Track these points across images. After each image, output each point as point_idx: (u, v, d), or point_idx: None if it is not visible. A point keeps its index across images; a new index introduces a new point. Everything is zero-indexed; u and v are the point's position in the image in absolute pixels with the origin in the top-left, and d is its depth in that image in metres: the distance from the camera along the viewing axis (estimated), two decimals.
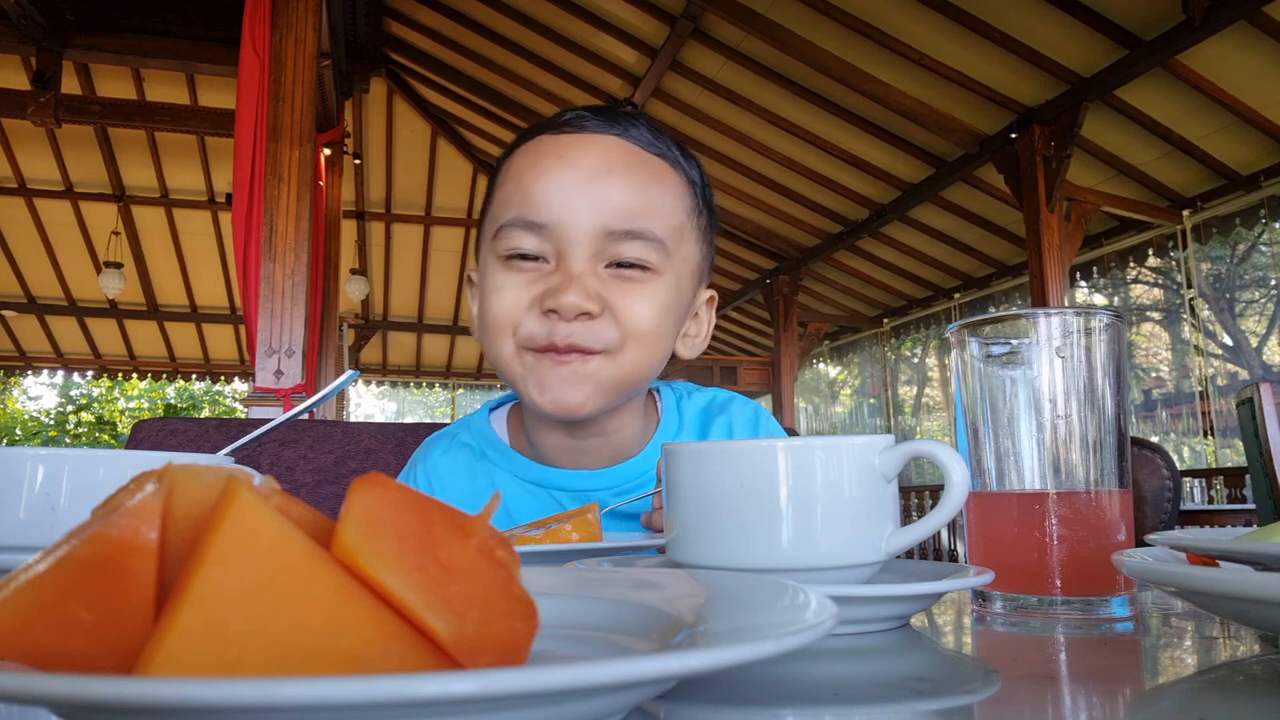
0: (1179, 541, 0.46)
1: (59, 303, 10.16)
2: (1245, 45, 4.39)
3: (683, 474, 0.51)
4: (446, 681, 0.20)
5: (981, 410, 0.59)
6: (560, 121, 0.83)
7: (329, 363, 6.40)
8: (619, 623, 0.37)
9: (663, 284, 0.80)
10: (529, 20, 6.35)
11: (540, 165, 0.79)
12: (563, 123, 0.82)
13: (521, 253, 0.79)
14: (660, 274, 0.80)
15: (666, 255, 0.80)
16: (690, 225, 0.85)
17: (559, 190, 0.78)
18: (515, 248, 0.79)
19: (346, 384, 0.83)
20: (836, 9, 5.00)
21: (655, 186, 0.81)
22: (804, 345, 8.91)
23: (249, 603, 0.22)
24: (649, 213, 0.79)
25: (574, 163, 0.79)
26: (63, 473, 0.52)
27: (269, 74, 3.91)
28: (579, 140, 0.80)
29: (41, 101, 5.72)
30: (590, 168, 0.78)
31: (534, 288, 0.78)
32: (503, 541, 0.28)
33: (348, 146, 7.18)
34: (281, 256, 3.77)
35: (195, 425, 1.35)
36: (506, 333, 0.79)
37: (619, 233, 0.77)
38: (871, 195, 6.84)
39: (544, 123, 0.85)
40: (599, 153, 0.79)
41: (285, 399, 3.66)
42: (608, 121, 0.82)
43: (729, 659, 0.24)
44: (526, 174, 0.80)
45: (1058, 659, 0.43)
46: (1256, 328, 6.56)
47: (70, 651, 0.24)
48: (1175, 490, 1.51)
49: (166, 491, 0.26)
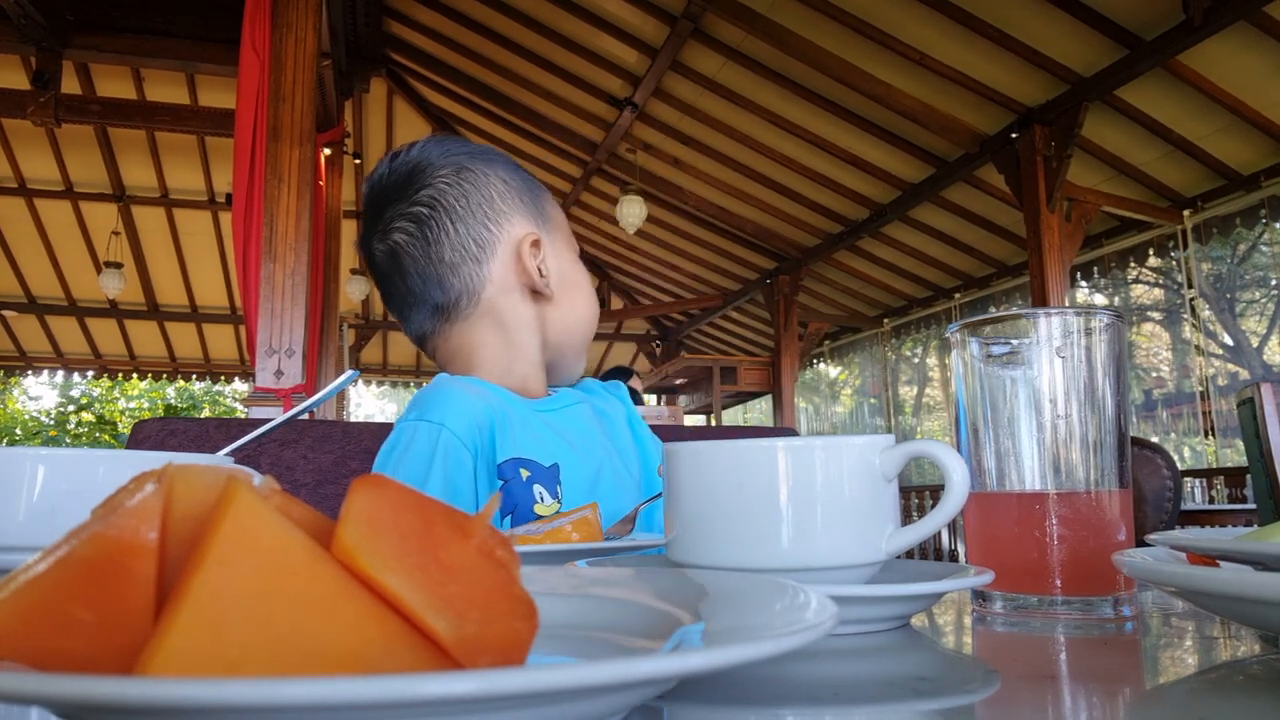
0: (1179, 541, 0.46)
1: (59, 303, 10.16)
2: (1245, 45, 4.39)
3: (683, 474, 0.51)
4: (447, 681, 0.20)
5: (982, 410, 0.59)
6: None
7: (329, 363, 6.40)
8: (619, 623, 0.37)
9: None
10: (529, 20, 6.34)
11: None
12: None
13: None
14: None
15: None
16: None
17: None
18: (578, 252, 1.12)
19: (346, 384, 0.83)
20: (836, 9, 5.00)
21: None
22: (804, 345, 8.91)
23: (249, 603, 0.22)
24: None
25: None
26: (63, 473, 0.52)
27: (269, 74, 3.91)
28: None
29: (41, 101, 5.72)
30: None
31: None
32: (503, 541, 0.28)
33: (348, 146, 7.17)
34: (281, 256, 3.77)
35: (195, 425, 1.35)
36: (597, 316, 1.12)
37: None
38: (872, 195, 6.84)
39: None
40: None
41: (285, 399, 3.66)
42: None
43: (729, 659, 0.24)
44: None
45: (1058, 659, 0.43)
46: (1257, 328, 6.55)
47: (70, 651, 0.24)
48: (1175, 490, 1.51)
49: (166, 491, 0.26)
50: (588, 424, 1.06)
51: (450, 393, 0.95)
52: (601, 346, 11.96)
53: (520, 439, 0.95)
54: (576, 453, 0.99)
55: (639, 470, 1.08)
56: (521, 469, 0.92)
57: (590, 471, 0.99)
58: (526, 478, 0.92)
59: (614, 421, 1.14)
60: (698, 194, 7.68)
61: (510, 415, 0.96)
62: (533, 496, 0.91)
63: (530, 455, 0.94)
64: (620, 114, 6.81)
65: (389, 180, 1.05)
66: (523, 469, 0.92)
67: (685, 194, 7.68)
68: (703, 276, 9.62)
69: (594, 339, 1.11)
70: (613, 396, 1.18)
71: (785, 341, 8.50)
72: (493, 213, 1.02)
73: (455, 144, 1.06)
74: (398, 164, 1.05)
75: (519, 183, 1.06)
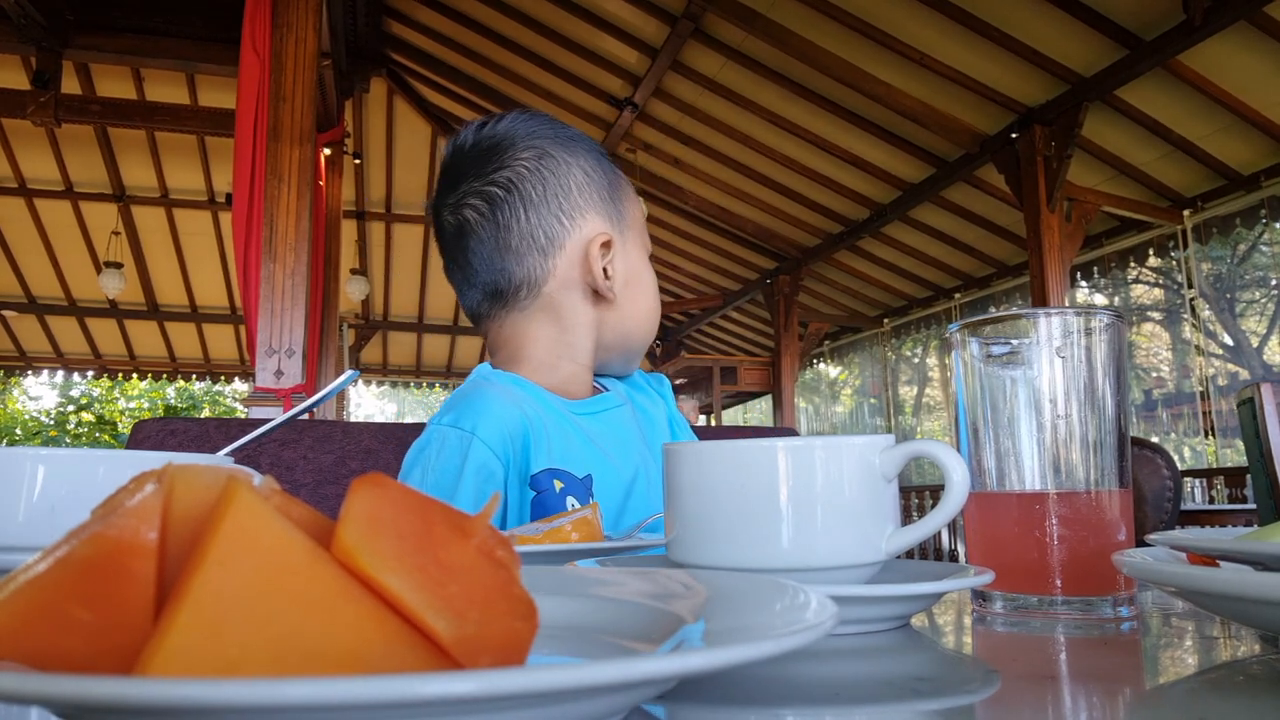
0: (1179, 541, 0.46)
1: (59, 303, 10.16)
2: (1246, 45, 4.39)
3: (683, 474, 0.51)
4: (446, 681, 0.20)
5: (982, 410, 0.59)
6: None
7: (329, 363, 6.40)
8: (619, 623, 0.37)
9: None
10: (529, 20, 6.34)
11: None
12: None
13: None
14: None
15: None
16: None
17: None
18: (649, 248, 1.09)
19: (346, 384, 0.83)
20: (837, 9, 5.00)
21: None
22: (804, 345, 8.91)
23: (249, 603, 0.22)
24: None
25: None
26: (63, 473, 0.52)
27: (269, 74, 3.91)
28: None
29: (41, 101, 5.72)
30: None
31: None
32: (503, 541, 0.28)
33: (348, 146, 7.17)
34: (281, 256, 3.77)
35: (195, 425, 1.35)
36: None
37: None
38: (872, 195, 6.84)
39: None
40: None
41: (285, 399, 3.66)
42: None
43: (729, 659, 0.24)
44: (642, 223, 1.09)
45: (1058, 659, 0.43)
46: (1257, 328, 6.55)
47: (70, 652, 0.24)
48: (1175, 490, 1.51)
49: (166, 491, 0.26)
50: (626, 429, 1.04)
51: (487, 399, 0.93)
52: None
53: (556, 449, 0.93)
54: (611, 461, 0.96)
55: None
56: (556, 480, 0.91)
57: (625, 480, 0.97)
58: (560, 489, 0.91)
59: (654, 423, 1.11)
60: (698, 194, 7.68)
61: (547, 424, 0.94)
62: (565, 508, 0.90)
63: (565, 466, 0.93)
64: (620, 114, 6.81)
65: (470, 152, 1.02)
66: (557, 480, 0.91)
67: (685, 194, 7.68)
68: (703, 276, 9.62)
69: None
70: (657, 394, 1.16)
71: (785, 341, 8.50)
72: (568, 205, 0.99)
73: (544, 124, 1.03)
74: (483, 136, 1.02)
75: (601, 176, 1.03)
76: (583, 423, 0.99)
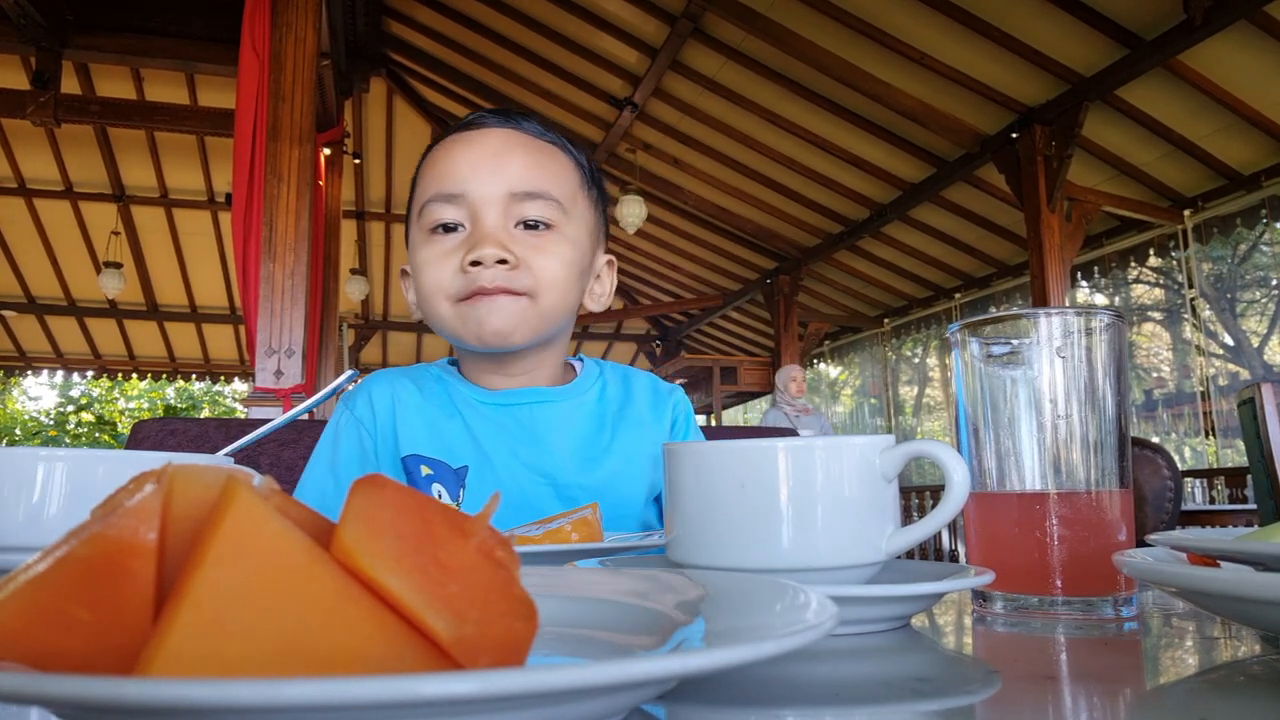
0: (1180, 542, 0.46)
1: (59, 303, 10.16)
2: (1246, 45, 4.39)
3: (683, 474, 0.51)
4: (446, 682, 0.20)
5: (982, 410, 0.59)
6: (464, 123, 1.00)
7: (329, 363, 6.40)
8: (619, 623, 0.37)
9: (563, 239, 0.96)
10: (529, 20, 6.34)
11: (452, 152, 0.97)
12: (467, 123, 1.00)
13: (443, 223, 0.94)
14: (560, 230, 0.96)
15: (564, 214, 0.97)
16: (582, 194, 1.02)
17: (468, 166, 0.95)
18: (438, 219, 0.95)
19: (346, 384, 0.84)
20: (837, 9, 5.00)
21: (548, 160, 0.98)
22: (804, 345, 8.90)
23: (248, 603, 0.22)
24: (544, 179, 0.96)
25: (479, 145, 0.96)
26: (63, 473, 0.52)
27: (269, 74, 3.91)
28: (482, 132, 0.98)
29: (41, 101, 5.72)
30: (493, 148, 0.96)
31: (457, 253, 0.93)
32: (503, 542, 0.28)
33: (348, 146, 7.17)
34: (281, 256, 3.77)
35: (195, 425, 1.35)
36: (441, 295, 0.94)
37: (520, 194, 0.94)
38: (872, 195, 6.84)
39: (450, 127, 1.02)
40: (499, 139, 0.97)
41: (285, 399, 3.66)
42: (504, 118, 0.99)
43: (729, 659, 0.24)
44: (441, 162, 0.97)
45: (1058, 659, 0.43)
46: (1258, 328, 6.55)
47: (70, 652, 0.24)
48: (1176, 490, 1.51)
49: (166, 491, 0.26)
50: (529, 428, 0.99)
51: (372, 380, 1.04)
52: (601, 346, 11.96)
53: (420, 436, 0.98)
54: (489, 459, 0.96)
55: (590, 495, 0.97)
56: (423, 466, 0.96)
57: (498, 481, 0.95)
58: (426, 475, 0.96)
59: (640, 429, 1.03)
60: (698, 194, 7.68)
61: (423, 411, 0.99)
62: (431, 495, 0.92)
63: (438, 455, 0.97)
64: (620, 114, 6.81)
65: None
66: (424, 466, 0.96)
67: (685, 194, 7.68)
68: (703, 276, 9.62)
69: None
70: (657, 414, 1.07)
71: (785, 341, 8.50)
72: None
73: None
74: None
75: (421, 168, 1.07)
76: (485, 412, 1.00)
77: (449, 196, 0.94)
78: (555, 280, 0.95)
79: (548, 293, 0.94)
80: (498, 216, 0.93)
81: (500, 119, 0.99)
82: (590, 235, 1.02)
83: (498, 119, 0.99)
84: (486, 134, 0.97)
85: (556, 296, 0.95)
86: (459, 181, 0.94)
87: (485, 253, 0.90)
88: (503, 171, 0.94)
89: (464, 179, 0.94)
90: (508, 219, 0.94)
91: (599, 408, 1.05)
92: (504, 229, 0.93)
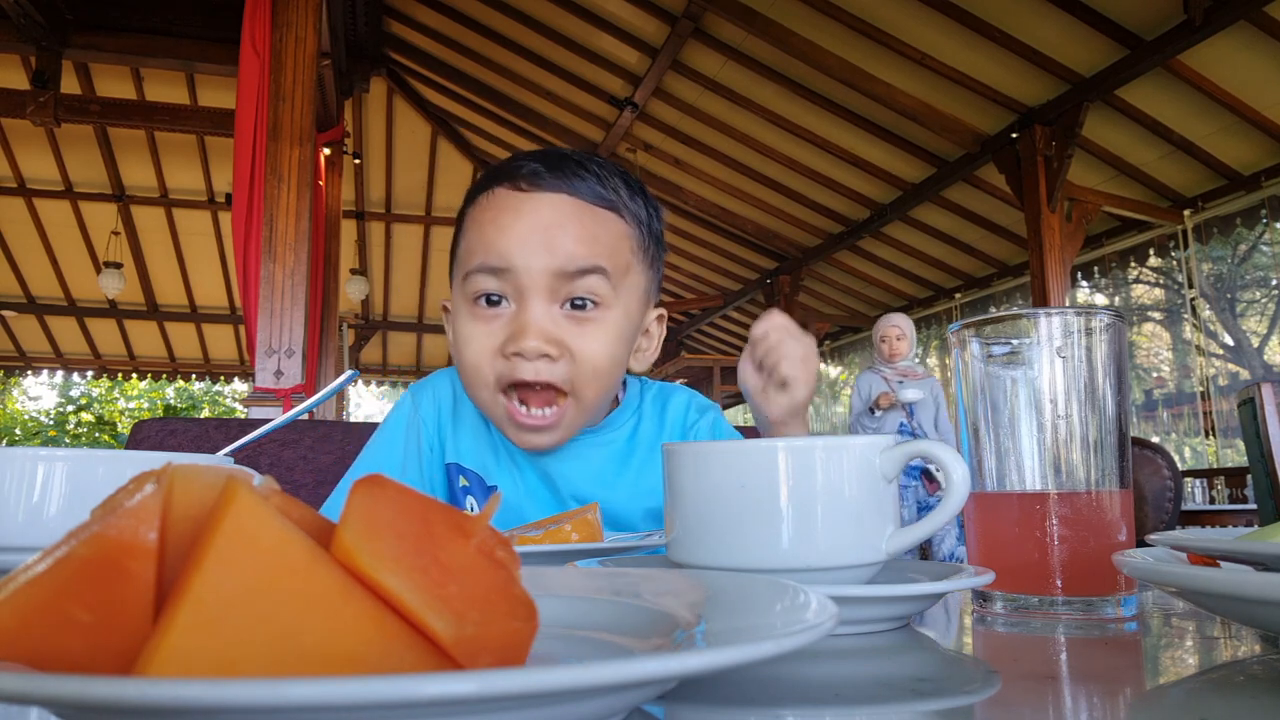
0: (1180, 542, 0.46)
1: (59, 303, 10.16)
2: (1246, 45, 4.39)
3: (683, 474, 0.51)
4: (446, 682, 0.20)
5: (982, 410, 0.59)
6: (517, 175, 0.92)
7: (329, 363, 6.40)
8: (619, 623, 0.37)
9: (613, 316, 0.91)
10: (529, 20, 6.34)
11: (500, 220, 0.91)
12: (518, 177, 0.92)
13: (486, 294, 0.90)
14: (610, 307, 0.91)
15: (614, 289, 0.91)
16: (637, 258, 0.96)
17: (517, 241, 0.88)
18: (481, 290, 0.90)
19: (346, 384, 0.83)
20: (837, 9, 5.00)
21: (603, 230, 0.92)
22: None
23: (248, 603, 0.22)
24: (597, 253, 0.90)
25: (529, 217, 0.89)
26: (63, 473, 0.52)
27: (269, 73, 3.91)
28: (533, 200, 0.91)
29: (41, 101, 5.72)
30: (545, 221, 0.89)
31: (498, 335, 0.89)
32: (503, 542, 0.28)
33: (348, 146, 7.17)
34: (281, 256, 3.77)
35: (195, 425, 1.35)
36: (481, 382, 0.91)
37: (570, 273, 0.88)
38: (872, 195, 6.84)
39: (500, 171, 0.94)
40: (551, 209, 0.90)
41: (285, 399, 3.66)
42: (559, 179, 0.91)
43: (729, 659, 0.24)
44: (489, 226, 0.91)
45: (1058, 659, 0.43)
46: (1258, 328, 6.55)
47: (70, 652, 0.24)
48: (1176, 490, 1.51)
49: (166, 491, 0.26)
50: (578, 468, 0.98)
51: (436, 376, 1.05)
52: None
53: (465, 447, 0.99)
54: (514, 487, 0.98)
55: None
56: (462, 476, 0.97)
57: (514, 518, 0.96)
58: (463, 486, 0.97)
59: (637, 472, 1.01)
60: (698, 194, 7.68)
61: (473, 423, 1.00)
62: (464, 507, 0.94)
63: (473, 467, 0.98)
64: (620, 114, 6.81)
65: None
66: (463, 477, 0.97)
67: (685, 194, 7.68)
68: (703, 276, 9.62)
69: None
70: (697, 421, 1.05)
71: None
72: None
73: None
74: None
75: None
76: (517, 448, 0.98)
77: (494, 270, 0.88)
78: (598, 371, 0.90)
79: (590, 386, 0.90)
80: (543, 303, 0.88)
81: (555, 180, 0.91)
82: (642, 300, 0.97)
83: (553, 180, 0.91)
84: (538, 202, 0.90)
85: (599, 388, 0.92)
86: (505, 256, 0.88)
87: (528, 345, 0.86)
88: (553, 246, 0.88)
89: (511, 254, 0.88)
90: (554, 299, 0.89)
91: (628, 447, 1.02)
92: (548, 317, 0.88)
